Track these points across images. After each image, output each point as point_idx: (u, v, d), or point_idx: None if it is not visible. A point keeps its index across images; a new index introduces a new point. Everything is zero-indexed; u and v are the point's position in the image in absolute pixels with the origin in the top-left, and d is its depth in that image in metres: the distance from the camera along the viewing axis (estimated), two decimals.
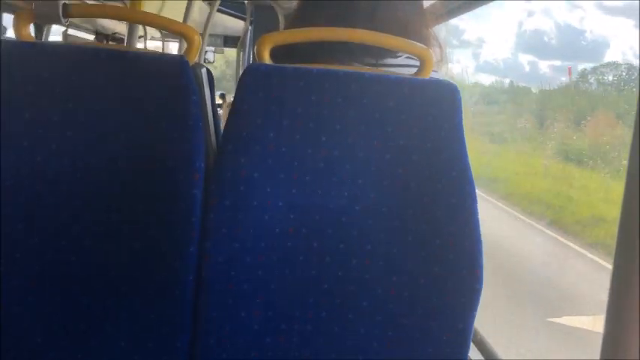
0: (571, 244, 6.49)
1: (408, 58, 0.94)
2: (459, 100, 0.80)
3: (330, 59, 0.87)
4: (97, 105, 0.81)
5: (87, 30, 3.92)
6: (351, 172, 0.80)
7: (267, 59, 0.82)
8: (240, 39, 3.41)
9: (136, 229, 0.80)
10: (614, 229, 0.52)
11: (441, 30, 1.02)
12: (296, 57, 0.84)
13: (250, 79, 0.79)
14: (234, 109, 0.80)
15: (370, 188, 0.80)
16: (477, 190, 0.80)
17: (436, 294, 0.79)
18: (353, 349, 0.81)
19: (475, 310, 0.80)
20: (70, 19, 0.85)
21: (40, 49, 0.83)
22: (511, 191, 8.23)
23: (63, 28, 3.45)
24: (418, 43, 0.82)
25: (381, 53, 0.91)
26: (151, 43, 4.48)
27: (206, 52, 3.93)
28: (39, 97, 0.81)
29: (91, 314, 0.81)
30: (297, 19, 0.97)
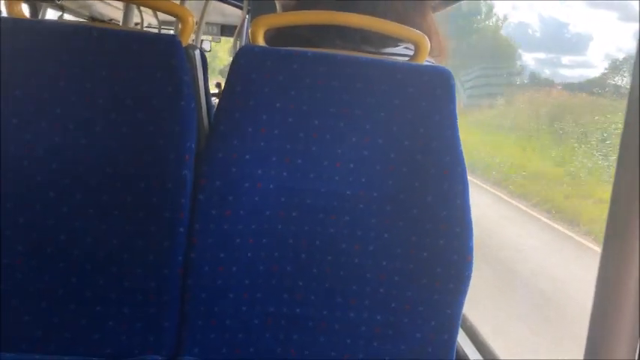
0: None
1: (406, 48, 0.93)
2: (453, 86, 0.80)
3: (329, 47, 0.87)
4: (88, 83, 0.80)
5: (83, 16, 3.88)
6: (343, 156, 0.80)
7: (261, 41, 0.81)
8: (237, 28, 3.38)
9: (126, 208, 0.80)
10: None
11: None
12: (294, 44, 0.84)
13: (244, 61, 0.79)
14: (227, 90, 0.79)
15: (362, 173, 0.80)
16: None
17: (426, 279, 0.80)
18: (341, 332, 0.81)
19: (464, 295, 0.80)
20: (60, 0, 0.84)
21: (32, 26, 0.82)
22: None
23: (58, 13, 3.42)
24: (413, 29, 0.82)
25: (380, 41, 0.90)
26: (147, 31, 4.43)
27: (202, 40, 3.90)
28: (30, 75, 0.80)
29: (79, 294, 0.81)
30: (294, 10, 0.96)
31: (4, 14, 0.85)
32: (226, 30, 4.47)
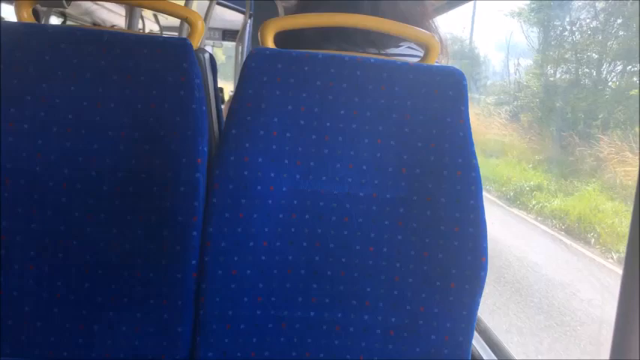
0: None
1: (409, 47, 0.93)
2: (465, 86, 0.80)
3: (333, 48, 0.87)
4: (99, 88, 0.80)
5: (85, 22, 3.90)
6: (355, 159, 0.80)
7: (270, 44, 0.81)
8: (239, 32, 3.39)
9: (138, 213, 0.79)
10: None
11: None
12: (299, 46, 0.84)
13: (255, 64, 0.79)
14: (238, 93, 0.79)
15: (375, 174, 0.80)
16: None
17: (440, 280, 0.79)
18: (356, 335, 0.80)
19: (479, 297, 0.79)
20: (68, 7, 0.85)
21: (42, 31, 0.82)
22: None
23: (60, 20, 3.43)
24: (422, 30, 0.82)
25: (383, 42, 0.91)
26: None
27: (205, 45, 3.91)
28: (40, 80, 0.80)
29: (93, 299, 0.80)
30: (297, 13, 0.97)
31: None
32: (228, 35, 4.49)
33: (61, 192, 0.80)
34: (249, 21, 3.22)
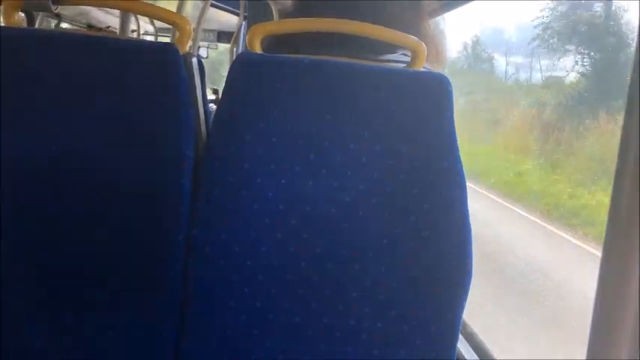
0: None
1: (403, 54, 0.93)
2: (450, 92, 0.80)
3: (326, 54, 0.87)
4: (86, 92, 0.80)
5: (79, 24, 3.89)
6: (341, 164, 0.80)
7: (258, 49, 0.81)
8: (234, 34, 3.39)
9: (124, 217, 0.79)
10: None
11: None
12: (290, 51, 0.84)
13: (241, 68, 0.79)
14: (224, 98, 0.79)
15: (360, 180, 0.80)
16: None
17: (425, 285, 0.79)
18: (342, 340, 0.80)
19: (464, 301, 0.80)
20: (59, 7, 0.84)
21: (30, 35, 0.82)
22: None
23: (54, 22, 3.42)
24: (410, 36, 0.82)
25: (378, 48, 0.90)
26: (144, 38, 4.45)
27: (199, 47, 3.91)
28: (28, 84, 0.80)
29: (79, 304, 0.80)
30: (292, 16, 0.97)
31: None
32: (223, 37, 4.48)
33: (50, 197, 0.80)
34: (243, 23, 3.22)
